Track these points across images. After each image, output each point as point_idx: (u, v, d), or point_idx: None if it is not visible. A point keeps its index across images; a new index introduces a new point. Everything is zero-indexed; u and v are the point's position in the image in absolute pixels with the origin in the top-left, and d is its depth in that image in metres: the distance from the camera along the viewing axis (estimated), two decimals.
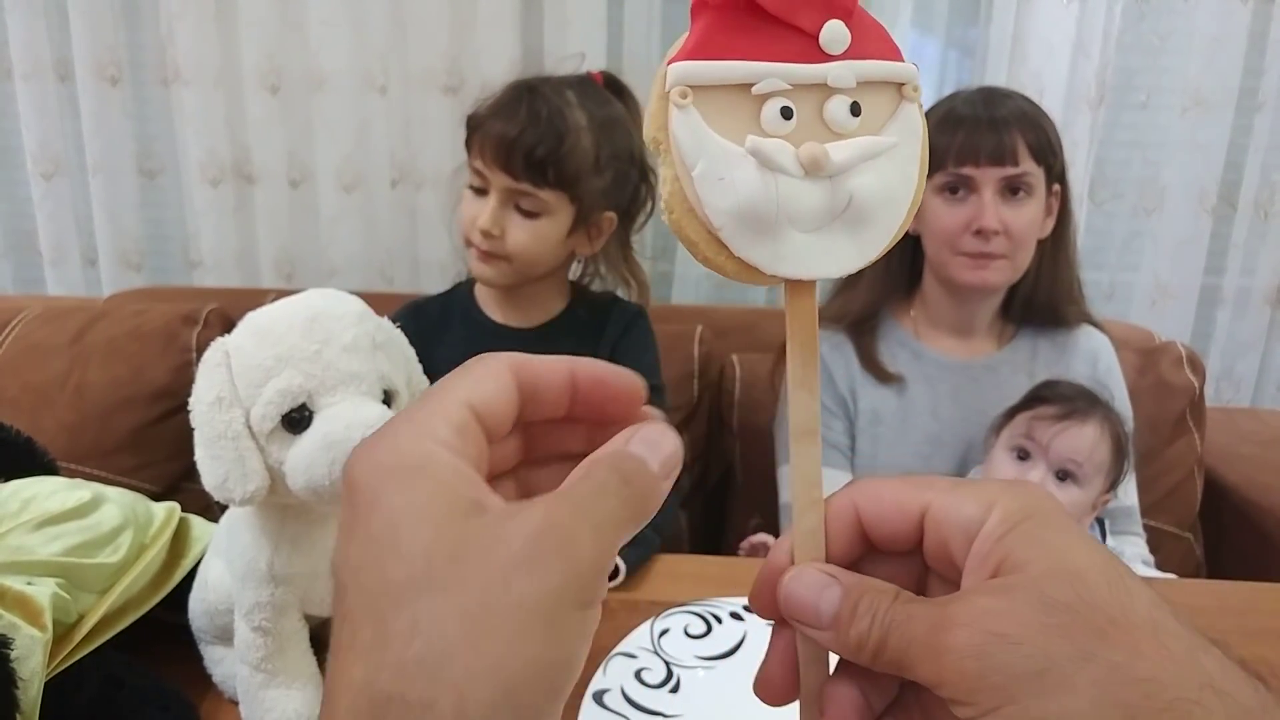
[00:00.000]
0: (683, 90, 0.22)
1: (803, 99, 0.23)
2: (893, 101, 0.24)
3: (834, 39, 0.23)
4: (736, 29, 0.22)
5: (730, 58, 0.22)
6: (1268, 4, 1.31)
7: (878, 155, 0.23)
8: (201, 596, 0.50)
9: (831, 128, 0.23)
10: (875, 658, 0.22)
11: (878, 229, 0.24)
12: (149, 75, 1.38)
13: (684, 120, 0.22)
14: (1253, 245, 1.39)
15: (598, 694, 0.48)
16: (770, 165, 0.22)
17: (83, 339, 1.12)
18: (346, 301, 0.44)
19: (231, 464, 0.41)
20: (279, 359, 0.41)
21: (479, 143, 0.83)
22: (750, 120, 0.23)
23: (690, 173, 0.22)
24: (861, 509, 0.24)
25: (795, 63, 0.23)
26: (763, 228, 0.23)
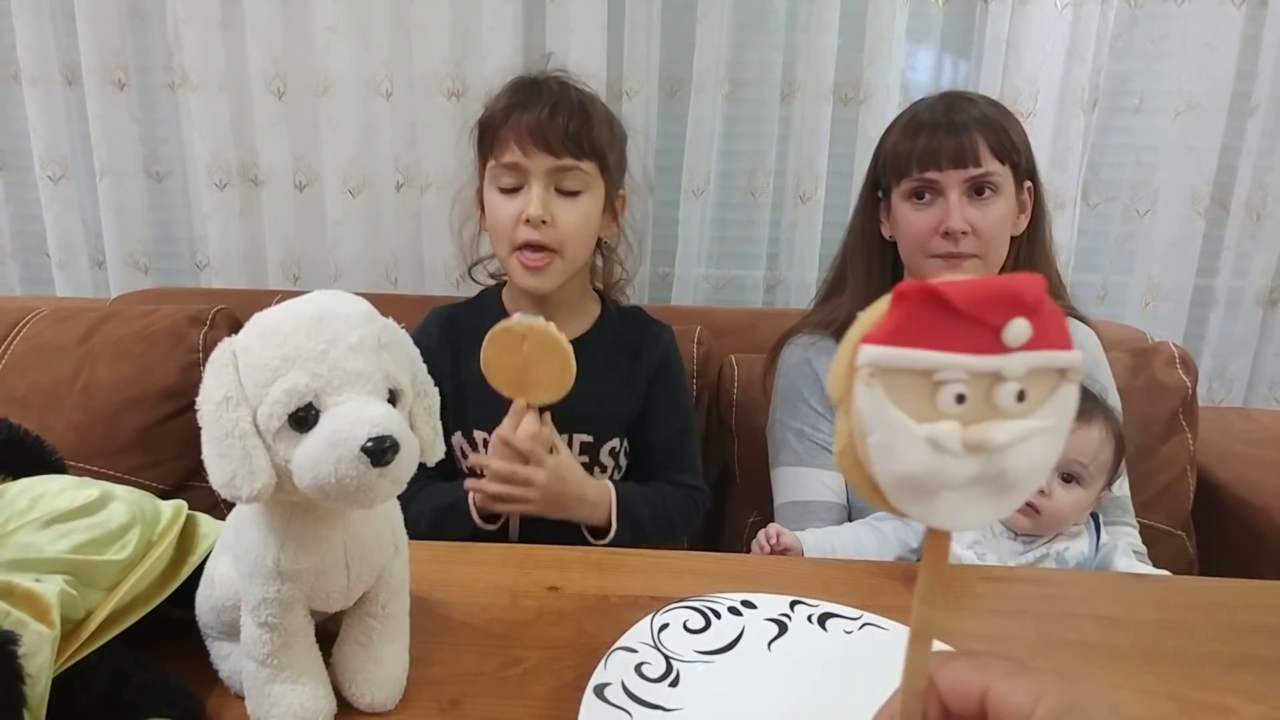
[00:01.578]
0: (872, 370, 0.25)
1: (977, 384, 0.26)
2: (1053, 382, 0.26)
3: (1016, 335, 0.25)
4: (927, 320, 0.25)
5: (918, 347, 0.25)
6: (1260, 8, 1.32)
7: (1034, 436, 0.26)
8: (208, 593, 0.51)
9: (997, 409, 0.26)
10: None
11: (1020, 492, 0.26)
12: (156, 79, 1.39)
13: (868, 394, 0.25)
14: (1245, 247, 1.40)
15: (598, 688, 0.49)
16: (940, 449, 0.25)
17: (91, 339, 1.13)
18: (352, 302, 0.44)
19: (238, 462, 0.41)
20: (286, 359, 0.41)
21: (510, 135, 0.83)
22: (927, 399, 0.25)
23: (866, 438, 0.25)
24: (940, 689, 0.28)
25: (975, 354, 0.25)
26: (922, 491, 0.26)
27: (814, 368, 0.97)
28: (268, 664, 0.47)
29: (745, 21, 1.35)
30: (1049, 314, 0.26)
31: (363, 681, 0.49)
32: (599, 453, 0.92)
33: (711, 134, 1.38)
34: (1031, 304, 0.25)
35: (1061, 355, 0.26)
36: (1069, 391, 0.26)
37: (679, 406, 0.96)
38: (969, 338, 0.25)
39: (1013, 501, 0.26)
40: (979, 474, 0.25)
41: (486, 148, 0.87)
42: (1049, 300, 0.26)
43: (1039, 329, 0.25)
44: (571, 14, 1.31)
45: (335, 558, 0.47)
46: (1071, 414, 0.26)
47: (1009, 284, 0.25)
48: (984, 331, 0.25)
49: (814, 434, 0.96)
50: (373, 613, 0.50)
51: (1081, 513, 0.84)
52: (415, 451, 0.43)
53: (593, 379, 0.91)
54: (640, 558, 0.68)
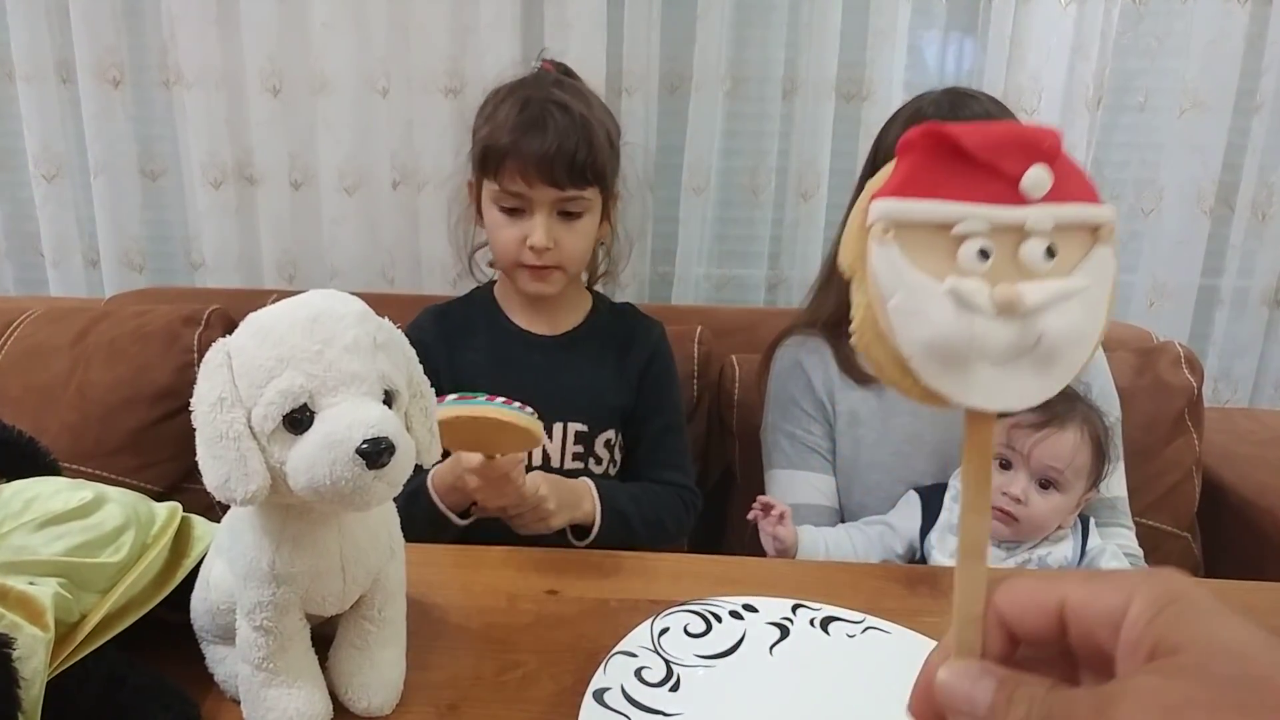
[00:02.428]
0: (885, 226, 0.23)
1: (1000, 240, 0.23)
2: (1086, 243, 0.24)
3: (1036, 184, 0.23)
4: (940, 169, 0.23)
5: (934, 197, 0.23)
6: (1265, 6, 1.31)
7: (1070, 297, 0.24)
8: (203, 596, 0.50)
9: (1025, 268, 0.24)
10: None
11: (1063, 366, 0.24)
12: (151, 77, 1.39)
13: (884, 254, 0.23)
14: (1250, 246, 1.40)
15: (598, 692, 0.48)
16: (967, 305, 0.23)
17: (85, 340, 1.12)
18: (348, 302, 0.44)
19: (233, 464, 0.41)
20: (280, 359, 0.41)
21: (514, 167, 0.84)
22: (948, 258, 0.23)
23: (885, 304, 0.23)
24: (1002, 610, 0.25)
25: (996, 205, 0.23)
26: (953, 361, 0.23)
27: (804, 370, 0.97)
28: (263, 668, 0.46)
29: (746, 17, 1.35)
30: (1069, 165, 0.24)
31: (359, 686, 0.49)
32: (594, 443, 0.92)
33: (712, 131, 1.37)
34: (1049, 151, 0.23)
35: (1091, 209, 0.24)
36: (1104, 254, 0.24)
37: (668, 402, 0.96)
38: (986, 188, 0.23)
39: (1058, 377, 0.24)
40: (1015, 341, 0.23)
41: (490, 169, 0.87)
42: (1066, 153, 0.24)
43: (1060, 180, 0.23)
44: (570, 10, 1.30)
45: (331, 561, 0.46)
46: (1111, 279, 0.24)
47: (1025, 130, 0.23)
48: (1001, 181, 0.23)
49: (805, 437, 0.96)
50: (369, 616, 0.50)
51: (1061, 518, 0.83)
52: (411, 453, 0.43)
53: (586, 370, 0.91)
54: (640, 561, 0.67)
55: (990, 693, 0.23)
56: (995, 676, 0.23)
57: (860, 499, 0.94)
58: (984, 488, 0.25)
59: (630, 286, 1.44)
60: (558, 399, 0.86)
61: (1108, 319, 0.25)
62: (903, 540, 0.88)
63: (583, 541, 0.83)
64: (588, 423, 0.91)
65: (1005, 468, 0.83)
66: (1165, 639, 0.21)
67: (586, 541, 0.83)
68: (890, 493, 0.93)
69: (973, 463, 0.25)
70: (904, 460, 0.93)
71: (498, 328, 0.94)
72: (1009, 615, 0.25)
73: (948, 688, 0.24)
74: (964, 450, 0.25)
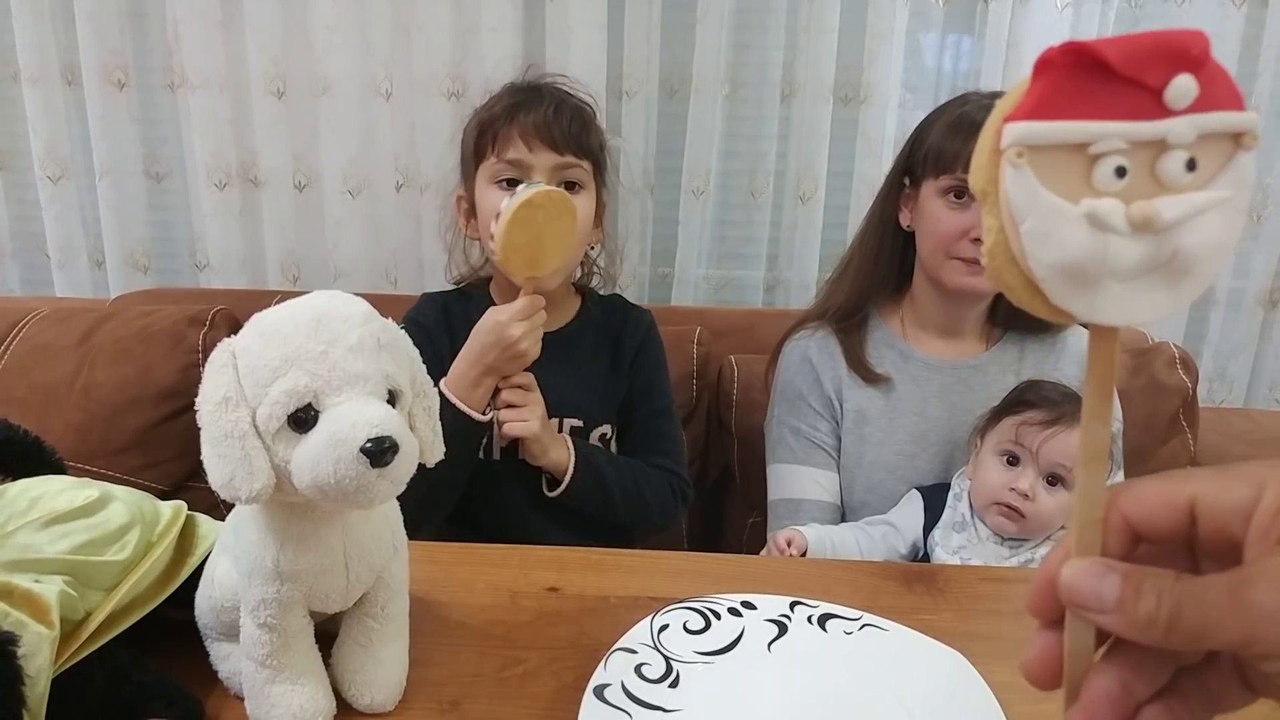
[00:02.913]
0: (1019, 150, 0.22)
1: (1138, 155, 0.23)
2: (1227, 151, 0.23)
3: (1181, 95, 0.22)
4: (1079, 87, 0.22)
5: (1070, 118, 0.22)
6: (1260, 9, 1.32)
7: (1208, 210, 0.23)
8: (208, 594, 0.51)
9: (1163, 182, 0.23)
10: (1169, 632, 0.23)
11: (1197, 278, 0.23)
12: (155, 79, 1.39)
13: (1017, 178, 0.22)
14: (1245, 247, 1.40)
15: (598, 688, 0.49)
16: (1102, 226, 0.23)
17: (90, 340, 1.13)
18: (352, 303, 0.44)
19: (238, 463, 0.41)
20: (285, 359, 0.41)
21: (515, 131, 0.85)
22: (1082, 177, 0.23)
23: (1019, 227, 0.23)
24: (1129, 512, 0.25)
25: (1135, 120, 0.22)
26: (1084, 281, 0.23)
27: (814, 365, 0.97)
28: (267, 665, 0.47)
29: (745, 22, 1.35)
30: (1216, 71, 0.23)
31: (362, 682, 0.49)
32: (589, 438, 0.93)
33: (711, 134, 1.37)
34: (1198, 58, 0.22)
35: (1235, 116, 0.23)
36: (1245, 161, 0.23)
37: (657, 388, 0.97)
38: (1127, 102, 0.22)
39: (1190, 289, 0.23)
40: (1148, 257, 0.22)
41: (486, 145, 0.88)
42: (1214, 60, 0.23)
43: (1206, 87, 0.22)
44: (571, 14, 1.31)
45: (334, 559, 0.47)
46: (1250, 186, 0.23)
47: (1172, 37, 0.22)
48: (1144, 94, 0.22)
49: (811, 433, 0.96)
50: (372, 614, 0.50)
51: (1067, 516, 0.84)
52: (414, 452, 0.43)
53: (580, 366, 0.92)
54: (640, 559, 0.68)
55: (1117, 587, 0.23)
56: (1119, 571, 0.24)
57: (862, 496, 0.95)
58: (1106, 398, 0.25)
59: (630, 287, 1.45)
60: (553, 396, 0.87)
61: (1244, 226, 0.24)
62: (906, 540, 0.88)
63: (553, 492, 0.84)
64: (583, 418, 0.92)
65: (1013, 464, 0.83)
66: None
67: (559, 490, 0.84)
68: (892, 491, 0.93)
69: (1096, 374, 0.25)
70: (908, 460, 0.93)
71: None
72: (1135, 516, 0.25)
73: (1073, 584, 0.24)
74: (1088, 362, 0.25)
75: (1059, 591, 0.25)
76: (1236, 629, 0.21)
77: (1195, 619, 0.22)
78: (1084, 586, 0.24)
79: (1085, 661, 0.25)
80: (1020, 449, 0.83)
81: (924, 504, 0.89)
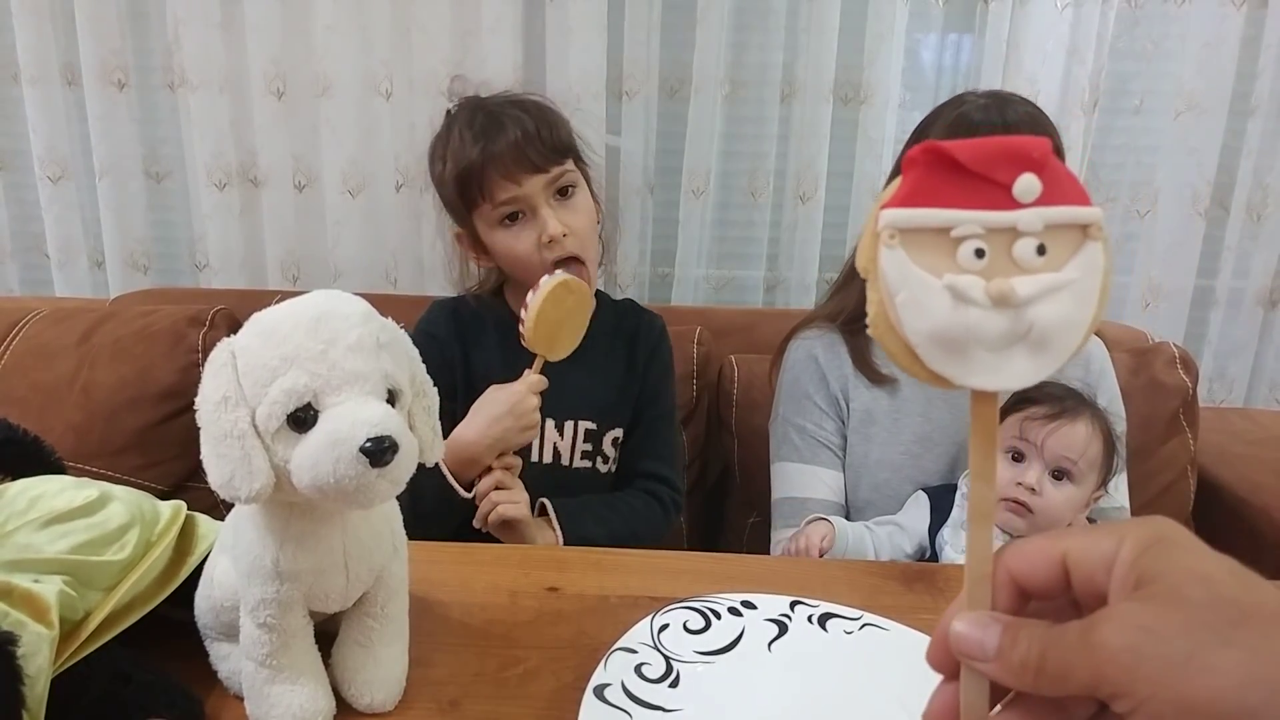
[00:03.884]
0: (892, 232, 0.26)
1: (995, 240, 0.26)
2: (1077, 240, 0.26)
3: (1026, 190, 0.26)
4: (941, 181, 0.26)
5: (934, 206, 0.26)
6: (1260, 9, 1.32)
7: (1060, 289, 0.26)
8: (207, 593, 0.51)
9: (1019, 265, 0.26)
10: (1037, 676, 0.24)
11: (1056, 349, 0.26)
12: (156, 80, 1.39)
13: (891, 257, 0.26)
14: (1245, 247, 1.40)
15: (598, 688, 0.49)
16: (963, 298, 0.26)
17: (90, 339, 1.13)
18: (351, 302, 0.44)
19: (237, 462, 0.41)
20: (285, 359, 0.41)
21: (496, 174, 0.84)
22: (948, 258, 0.26)
23: (894, 299, 0.26)
24: (1013, 568, 0.27)
25: (990, 210, 0.26)
26: (953, 348, 0.26)
27: (820, 364, 0.97)
28: (267, 665, 0.47)
29: (745, 22, 1.35)
30: (1059, 172, 0.26)
31: (362, 682, 0.49)
32: (602, 441, 0.93)
33: (711, 134, 1.37)
34: (1039, 159, 0.26)
35: (1080, 210, 0.26)
36: (1094, 250, 0.26)
37: (662, 393, 0.97)
38: (983, 195, 0.26)
39: (1051, 360, 0.26)
40: (1010, 329, 0.26)
41: (474, 194, 0.86)
42: (1056, 160, 0.26)
43: (1050, 185, 0.26)
44: (571, 14, 1.31)
45: (334, 558, 0.47)
46: (1100, 272, 0.26)
47: (1014, 142, 0.26)
48: (996, 190, 0.26)
49: (817, 431, 0.96)
50: (372, 613, 0.50)
51: (1075, 510, 0.84)
52: (414, 452, 0.43)
53: (595, 368, 0.92)
54: (640, 558, 0.68)
55: (997, 637, 0.25)
56: (1001, 623, 0.26)
57: (867, 496, 0.95)
58: (990, 458, 0.27)
59: (630, 287, 1.45)
60: (568, 398, 0.86)
61: (1101, 307, 0.27)
62: (912, 540, 0.88)
63: None
64: (596, 421, 0.92)
65: (1018, 460, 0.83)
66: (1147, 571, 0.24)
67: None
68: (897, 491, 0.93)
69: (978, 436, 0.28)
70: (913, 460, 0.93)
71: (507, 327, 0.93)
72: (1019, 572, 0.27)
73: (960, 636, 0.26)
74: (971, 426, 0.28)
75: (950, 641, 0.27)
76: (1087, 670, 0.23)
77: (1056, 662, 0.24)
78: (970, 636, 0.26)
79: (980, 714, 0.27)
80: (1025, 444, 0.83)
81: (930, 505, 0.89)
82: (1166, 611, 0.22)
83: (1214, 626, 0.22)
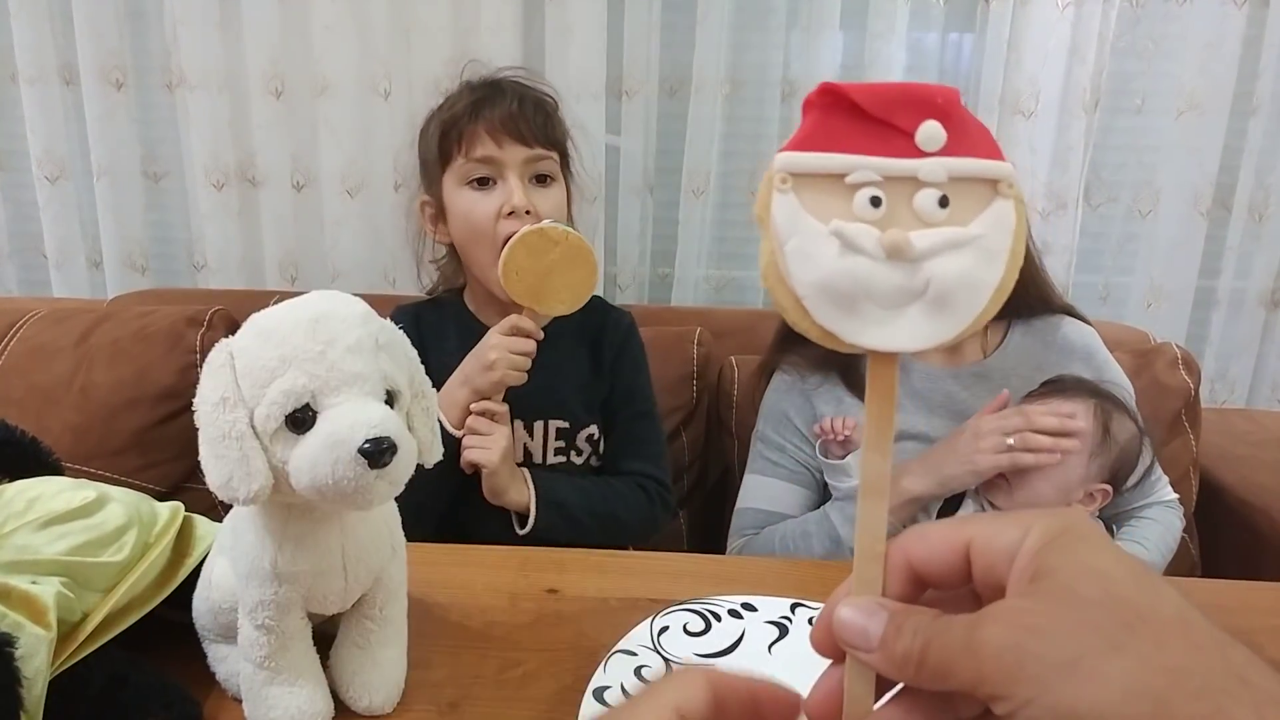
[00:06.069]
0: (784, 176, 0.25)
1: (894, 191, 0.25)
2: (985, 196, 0.25)
3: (929, 138, 0.24)
4: (842, 125, 0.25)
5: (831, 151, 0.25)
6: (1262, 8, 1.31)
7: (962, 245, 0.24)
8: (206, 595, 0.51)
9: (920, 218, 0.25)
10: (919, 670, 0.23)
11: (957, 311, 0.25)
12: (154, 80, 1.39)
13: (783, 202, 0.25)
14: (1247, 247, 1.40)
15: (598, 691, 0.49)
16: (852, 247, 0.24)
17: (88, 340, 1.13)
18: (350, 303, 0.44)
19: (236, 464, 0.41)
20: (283, 360, 0.41)
21: (481, 128, 0.84)
22: (843, 207, 0.25)
23: (783, 247, 0.25)
24: (911, 552, 0.25)
25: (890, 157, 0.24)
26: (843, 302, 0.24)
27: (805, 394, 0.96)
28: (265, 666, 0.47)
29: (745, 21, 1.35)
30: (967, 122, 0.25)
31: (361, 684, 0.49)
32: (575, 438, 0.92)
33: (711, 134, 1.37)
34: (944, 107, 0.24)
35: (988, 164, 0.25)
36: (1003, 207, 0.25)
37: (638, 391, 0.96)
38: (884, 142, 0.24)
39: (953, 322, 0.25)
40: (903, 285, 0.24)
41: (451, 146, 0.86)
42: (966, 110, 0.25)
43: (956, 134, 0.24)
44: (571, 14, 1.31)
45: (333, 560, 0.47)
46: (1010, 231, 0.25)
47: (919, 87, 0.25)
48: (898, 136, 0.24)
49: (796, 452, 0.96)
50: (371, 615, 0.50)
51: (1065, 494, 0.83)
52: (413, 453, 0.43)
53: (562, 366, 0.91)
54: (640, 560, 0.67)
55: (883, 625, 0.24)
56: (888, 610, 0.24)
57: None
58: (885, 428, 0.25)
59: (630, 287, 1.45)
60: (536, 398, 0.86)
61: (1012, 270, 0.25)
62: None
63: (522, 530, 0.83)
64: (568, 419, 0.91)
65: None
66: (1045, 564, 0.22)
67: (525, 530, 0.83)
68: None
69: (874, 403, 0.25)
70: None
71: (467, 330, 0.92)
72: (919, 558, 0.25)
73: (844, 623, 0.25)
74: (867, 390, 0.26)
75: (832, 627, 0.25)
76: (969, 668, 0.22)
77: (939, 658, 0.22)
78: (853, 623, 0.24)
79: (865, 705, 0.25)
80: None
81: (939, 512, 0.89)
82: (1057, 610, 0.21)
83: (1105, 629, 0.20)
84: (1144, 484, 0.94)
